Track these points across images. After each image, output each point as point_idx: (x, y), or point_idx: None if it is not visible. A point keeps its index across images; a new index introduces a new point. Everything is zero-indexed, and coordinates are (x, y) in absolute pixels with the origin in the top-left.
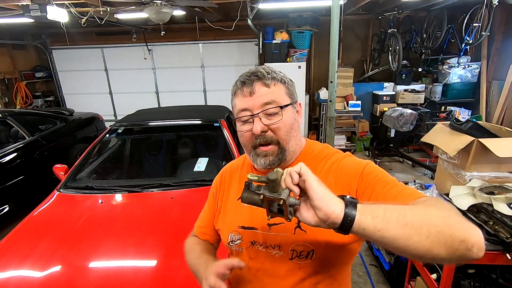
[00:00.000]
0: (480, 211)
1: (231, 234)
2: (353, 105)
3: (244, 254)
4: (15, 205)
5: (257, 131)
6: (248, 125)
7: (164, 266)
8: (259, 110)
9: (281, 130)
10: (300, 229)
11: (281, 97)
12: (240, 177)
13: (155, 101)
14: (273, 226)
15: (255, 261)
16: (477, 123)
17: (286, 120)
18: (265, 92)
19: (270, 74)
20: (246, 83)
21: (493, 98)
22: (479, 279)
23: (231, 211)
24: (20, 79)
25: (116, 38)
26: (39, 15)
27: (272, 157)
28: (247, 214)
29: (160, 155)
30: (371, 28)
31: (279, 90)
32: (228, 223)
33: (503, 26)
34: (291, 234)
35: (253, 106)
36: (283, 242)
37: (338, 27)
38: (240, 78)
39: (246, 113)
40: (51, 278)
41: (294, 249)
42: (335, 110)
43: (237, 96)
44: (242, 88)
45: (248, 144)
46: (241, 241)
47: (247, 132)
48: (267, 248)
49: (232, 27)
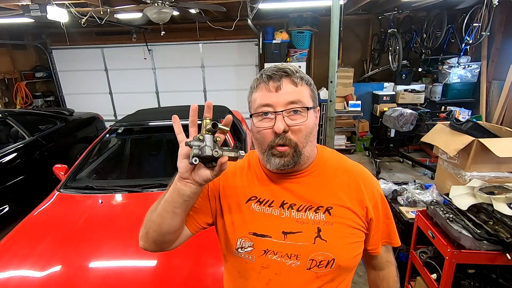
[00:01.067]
0: (480, 211)
1: (240, 240)
2: (353, 105)
3: (254, 263)
4: (15, 205)
5: (280, 129)
6: (268, 121)
7: (164, 266)
8: (283, 108)
9: (302, 132)
10: (320, 239)
11: (306, 98)
12: (248, 179)
13: (155, 101)
14: (289, 235)
15: (267, 270)
16: (477, 123)
17: (308, 123)
18: (292, 90)
19: (299, 73)
20: (273, 78)
21: (493, 98)
22: (479, 279)
23: (239, 214)
24: (20, 79)
25: (116, 38)
26: (39, 15)
27: (287, 158)
28: (260, 220)
29: (160, 155)
30: (371, 28)
31: (305, 91)
32: (236, 227)
33: (503, 26)
34: (310, 243)
35: (277, 102)
36: (301, 252)
37: (338, 27)
38: (266, 71)
39: (268, 109)
40: (51, 278)
41: (313, 258)
42: (335, 110)
43: (260, 89)
44: (268, 82)
45: (265, 142)
46: (253, 248)
47: (266, 130)
48: (282, 257)
49: (232, 27)
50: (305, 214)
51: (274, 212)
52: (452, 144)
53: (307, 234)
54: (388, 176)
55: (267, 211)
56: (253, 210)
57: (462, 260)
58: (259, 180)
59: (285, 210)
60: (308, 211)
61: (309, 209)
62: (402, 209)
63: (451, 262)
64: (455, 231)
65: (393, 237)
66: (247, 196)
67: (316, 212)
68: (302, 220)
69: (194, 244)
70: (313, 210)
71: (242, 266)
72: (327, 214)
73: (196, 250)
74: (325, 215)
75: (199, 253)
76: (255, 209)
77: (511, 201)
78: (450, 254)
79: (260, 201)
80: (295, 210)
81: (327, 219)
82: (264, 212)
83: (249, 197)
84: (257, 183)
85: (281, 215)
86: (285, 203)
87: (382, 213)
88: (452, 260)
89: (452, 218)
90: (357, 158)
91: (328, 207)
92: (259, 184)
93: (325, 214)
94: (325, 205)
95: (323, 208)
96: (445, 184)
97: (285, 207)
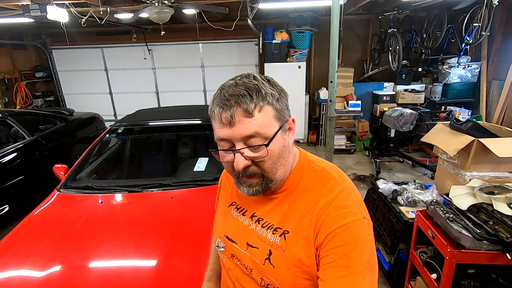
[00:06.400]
0: (480, 211)
1: (218, 240)
2: (353, 105)
3: (225, 263)
4: (15, 205)
5: (239, 168)
6: (229, 154)
7: (164, 266)
8: (242, 145)
9: (267, 163)
10: (269, 262)
11: (267, 126)
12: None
13: (155, 101)
14: (250, 248)
15: (234, 272)
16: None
17: (272, 152)
18: (248, 123)
19: (255, 94)
20: (224, 109)
21: (493, 98)
22: (479, 279)
23: (222, 215)
24: (20, 79)
25: (116, 38)
26: (39, 15)
27: (256, 187)
28: (233, 225)
29: (160, 155)
30: (371, 28)
31: (265, 117)
32: (219, 227)
33: (503, 26)
34: (261, 263)
35: (234, 138)
36: (254, 267)
37: (338, 27)
38: (218, 99)
39: (226, 145)
40: (51, 278)
41: (263, 278)
42: (335, 110)
43: (214, 119)
44: (220, 114)
45: (231, 172)
46: (225, 250)
47: (230, 163)
48: (242, 265)
49: (232, 27)
50: (266, 232)
51: (245, 221)
52: (452, 144)
53: (261, 253)
54: (388, 176)
55: (240, 218)
56: (231, 215)
57: (462, 260)
58: None
59: (253, 222)
60: (269, 229)
61: (270, 228)
62: (402, 209)
63: (451, 262)
64: (455, 231)
65: None
66: (230, 200)
67: (273, 233)
68: (262, 237)
69: (194, 244)
70: (272, 230)
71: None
72: (282, 239)
73: (196, 250)
74: (280, 238)
75: (199, 253)
76: (232, 214)
77: (511, 201)
78: (450, 254)
79: (238, 207)
80: (260, 225)
81: (281, 244)
82: (237, 219)
83: (231, 202)
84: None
85: (249, 226)
86: (254, 215)
87: (336, 254)
88: (452, 260)
89: (452, 218)
90: (357, 158)
91: (285, 231)
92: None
93: (280, 238)
94: (284, 228)
95: (281, 230)
96: (445, 184)
97: (253, 220)
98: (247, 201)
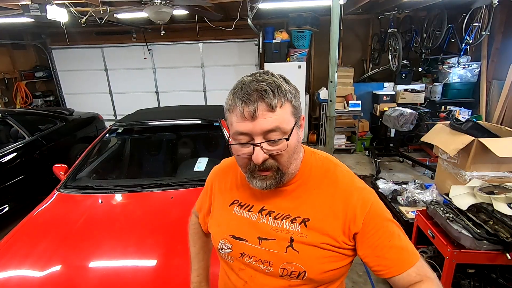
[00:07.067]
0: (480, 211)
1: (221, 242)
2: (353, 105)
3: (233, 264)
4: (15, 205)
5: (259, 161)
6: (247, 147)
7: (164, 266)
8: (261, 139)
9: (284, 157)
10: (292, 249)
11: (286, 121)
12: (232, 181)
13: (155, 101)
14: (263, 241)
15: (244, 272)
16: (477, 123)
17: (290, 146)
18: (270, 117)
19: (276, 90)
20: (248, 103)
21: (493, 98)
22: (479, 279)
23: (223, 216)
24: (20, 79)
25: (116, 38)
26: (39, 14)
27: (269, 181)
28: (239, 223)
29: (160, 155)
30: (371, 27)
31: (285, 112)
32: (220, 229)
33: (503, 26)
34: (282, 252)
35: (254, 132)
36: (273, 259)
37: (338, 27)
38: (239, 93)
39: (245, 138)
40: (51, 278)
41: (285, 267)
42: (335, 110)
43: (235, 113)
44: (242, 108)
45: (245, 165)
46: (231, 250)
47: (245, 156)
48: (256, 262)
49: (232, 27)
50: (281, 223)
51: (252, 217)
52: (452, 144)
53: (279, 242)
54: (388, 176)
55: (246, 215)
56: (235, 213)
57: (462, 260)
58: (242, 184)
59: (263, 216)
60: (284, 219)
61: (285, 218)
62: (402, 209)
63: (451, 261)
64: (455, 231)
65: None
66: (231, 199)
67: (293, 222)
68: (277, 228)
69: None
70: (290, 220)
71: (225, 265)
72: (303, 226)
73: None
74: (300, 226)
75: None
76: (236, 213)
77: (511, 201)
78: (450, 254)
79: (241, 205)
80: (273, 217)
81: (302, 231)
82: (243, 216)
83: (232, 200)
84: (240, 187)
85: (258, 221)
86: (264, 209)
87: (376, 228)
88: (452, 260)
89: (452, 218)
90: (357, 158)
91: (305, 219)
92: (242, 188)
93: (301, 226)
94: (303, 216)
95: (300, 219)
96: (445, 184)
97: (263, 213)
98: (252, 197)
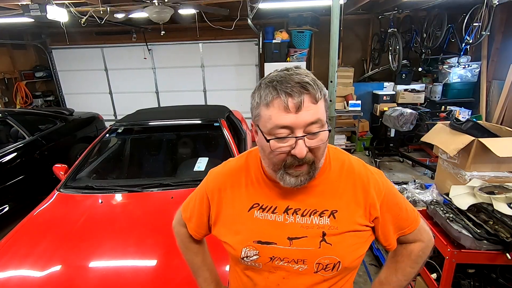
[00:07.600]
0: (480, 211)
1: (245, 249)
2: (353, 105)
3: (262, 269)
4: (15, 205)
5: (303, 154)
6: (286, 142)
7: (164, 266)
8: (302, 132)
9: (320, 149)
10: (325, 243)
11: (323, 114)
12: (248, 184)
13: (155, 101)
14: (294, 240)
15: (274, 275)
16: (477, 122)
17: (325, 140)
18: (312, 109)
19: (317, 85)
20: (293, 96)
21: (493, 97)
22: (479, 278)
23: (242, 223)
24: (20, 79)
25: (116, 38)
26: (39, 14)
27: (303, 177)
28: (264, 227)
29: (160, 155)
30: (371, 27)
31: (322, 106)
32: (241, 237)
33: (503, 26)
34: (316, 248)
35: (297, 124)
36: (307, 256)
37: (338, 27)
38: (281, 86)
39: (286, 132)
40: (51, 278)
41: (320, 262)
42: (335, 109)
43: (275, 107)
44: (287, 100)
45: (280, 162)
46: (259, 256)
47: (283, 152)
48: (289, 262)
49: (232, 27)
50: (310, 219)
51: (278, 218)
52: (452, 143)
53: (312, 239)
54: (388, 176)
55: (270, 217)
56: (256, 218)
57: (462, 259)
58: (260, 186)
59: (289, 216)
60: (312, 215)
61: (313, 214)
62: None
63: (451, 261)
64: (455, 231)
65: (406, 225)
66: (249, 204)
67: (321, 216)
68: (307, 225)
69: None
70: (318, 214)
71: (250, 272)
72: (332, 218)
73: None
74: (330, 219)
75: None
76: (258, 217)
77: (511, 201)
78: (450, 254)
79: (263, 208)
80: (300, 215)
81: (332, 223)
82: (267, 219)
83: (251, 204)
84: (258, 189)
85: (285, 221)
86: (289, 208)
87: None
88: (452, 260)
89: (452, 218)
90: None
91: (333, 211)
92: (260, 190)
93: (330, 218)
94: (330, 209)
95: (328, 212)
96: (445, 184)
97: (289, 213)
98: (274, 197)
